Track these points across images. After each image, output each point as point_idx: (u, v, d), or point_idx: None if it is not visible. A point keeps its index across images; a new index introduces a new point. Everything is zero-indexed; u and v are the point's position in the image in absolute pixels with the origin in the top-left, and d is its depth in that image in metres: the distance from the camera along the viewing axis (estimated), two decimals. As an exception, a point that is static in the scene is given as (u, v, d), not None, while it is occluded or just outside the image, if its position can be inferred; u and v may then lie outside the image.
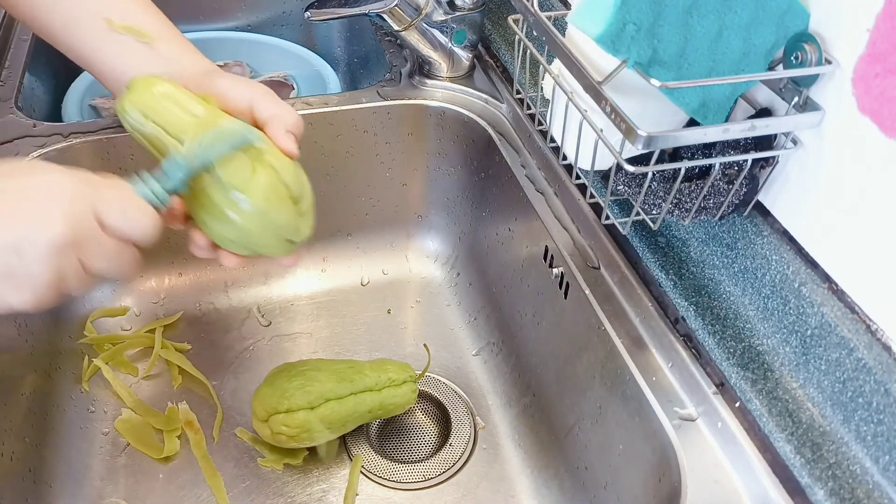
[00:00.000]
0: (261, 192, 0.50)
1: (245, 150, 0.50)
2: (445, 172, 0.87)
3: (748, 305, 0.53)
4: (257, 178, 0.50)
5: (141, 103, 0.52)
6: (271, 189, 0.51)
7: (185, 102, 0.52)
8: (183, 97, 0.52)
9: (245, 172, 0.50)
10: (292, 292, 0.87)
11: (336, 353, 0.81)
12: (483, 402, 0.77)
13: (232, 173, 0.50)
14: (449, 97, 0.84)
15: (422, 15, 0.77)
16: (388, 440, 0.74)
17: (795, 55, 0.45)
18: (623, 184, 0.55)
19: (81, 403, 0.73)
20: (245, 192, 0.50)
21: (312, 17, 0.77)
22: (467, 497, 0.69)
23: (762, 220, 0.52)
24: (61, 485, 0.66)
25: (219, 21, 1.08)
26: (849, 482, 0.45)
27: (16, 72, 0.81)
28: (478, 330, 0.83)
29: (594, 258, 0.66)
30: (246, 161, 0.50)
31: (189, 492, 0.68)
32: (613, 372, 0.59)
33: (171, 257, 0.85)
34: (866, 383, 0.44)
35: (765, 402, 0.51)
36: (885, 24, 0.40)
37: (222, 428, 0.73)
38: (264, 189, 0.50)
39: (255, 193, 0.50)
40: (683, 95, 0.46)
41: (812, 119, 0.46)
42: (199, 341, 0.81)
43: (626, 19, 0.42)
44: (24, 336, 0.69)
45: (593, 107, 0.47)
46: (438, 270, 0.90)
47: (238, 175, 0.50)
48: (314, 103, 0.80)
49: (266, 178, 0.50)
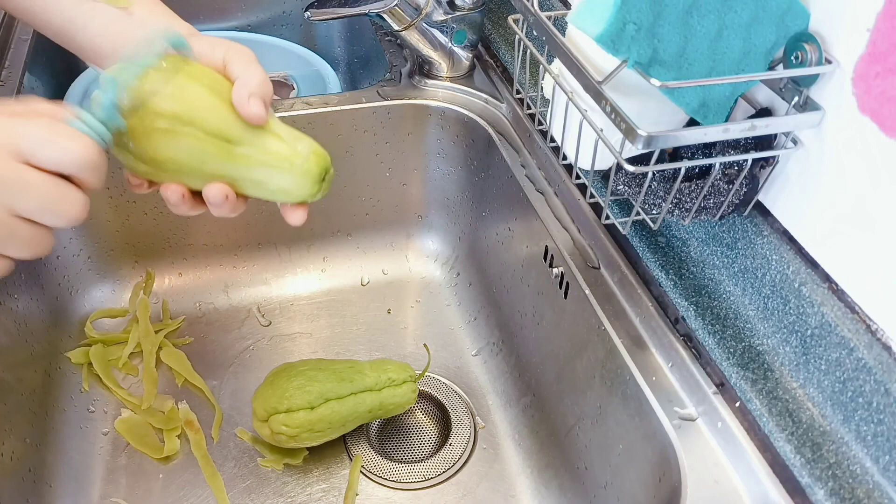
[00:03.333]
0: (189, 98, 0.46)
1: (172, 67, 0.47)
2: (445, 172, 0.87)
3: (748, 305, 0.53)
4: (188, 89, 0.47)
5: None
6: (200, 94, 0.47)
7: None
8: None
9: (175, 88, 0.46)
10: (292, 292, 0.87)
11: (336, 353, 0.81)
12: (483, 402, 0.77)
13: (162, 97, 0.46)
14: (449, 97, 0.84)
15: (422, 15, 0.77)
16: (388, 440, 0.74)
17: (795, 55, 0.45)
18: (623, 184, 0.55)
19: (81, 403, 0.73)
20: (178, 103, 0.46)
21: (312, 17, 0.77)
22: (467, 497, 0.69)
23: (762, 220, 0.52)
24: (61, 485, 0.66)
25: (219, 21, 1.08)
26: (849, 482, 0.45)
27: (16, 72, 0.81)
28: (478, 330, 0.83)
29: (594, 258, 0.66)
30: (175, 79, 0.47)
31: (189, 492, 0.68)
32: (613, 372, 0.59)
33: (171, 257, 0.85)
34: (866, 383, 0.44)
35: (765, 402, 0.51)
36: (885, 23, 0.40)
37: (222, 428, 0.73)
38: (193, 95, 0.47)
39: (184, 101, 0.46)
40: (683, 95, 0.46)
41: (812, 119, 0.46)
42: (199, 341, 0.81)
43: (626, 19, 0.42)
44: (24, 336, 0.69)
45: (593, 107, 0.47)
46: (438, 270, 0.90)
47: (171, 95, 0.46)
48: (314, 103, 0.80)
49: (196, 88, 0.47)
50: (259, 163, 0.49)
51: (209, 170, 0.49)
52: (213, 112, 0.47)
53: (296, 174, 0.49)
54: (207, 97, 0.47)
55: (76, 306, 0.80)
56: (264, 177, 0.49)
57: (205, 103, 0.47)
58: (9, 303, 0.68)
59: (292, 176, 0.49)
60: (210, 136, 0.47)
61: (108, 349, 0.77)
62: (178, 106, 0.46)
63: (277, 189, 0.50)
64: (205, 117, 0.47)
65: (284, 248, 0.88)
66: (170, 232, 0.83)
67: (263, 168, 0.49)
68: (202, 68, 0.49)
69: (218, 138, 0.48)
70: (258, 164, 0.49)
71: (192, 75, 0.48)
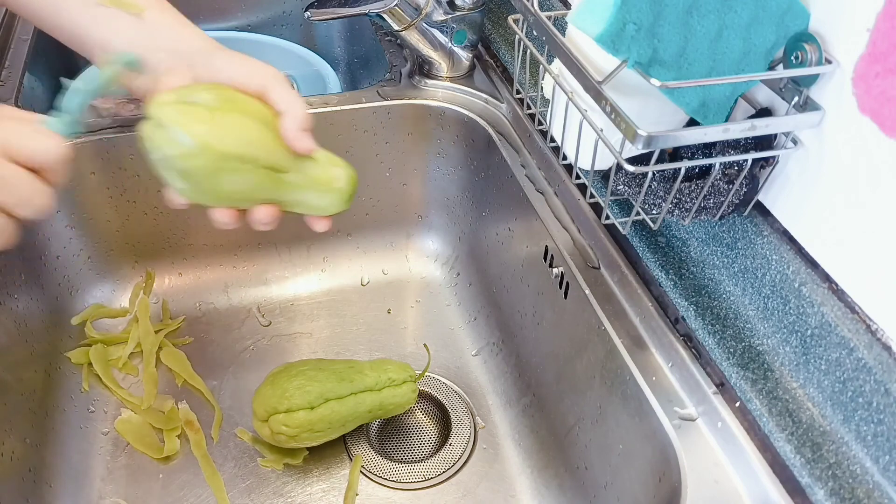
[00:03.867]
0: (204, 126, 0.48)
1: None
2: (445, 172, 0.87)
3: (748, 305, 0.53)
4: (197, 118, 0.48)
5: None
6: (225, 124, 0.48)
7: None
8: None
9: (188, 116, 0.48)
10: (292, 292, 0.87)
11: (336, 353, 0.81)
12: (483, 402, 0.77)
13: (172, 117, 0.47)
14: (449, 97, 0.84)
15: (422, 15, 0.77)
16: (388, 440, 0.74)
17: (795, 55, 0.45)
18: (623, 184, 0.55)
19: (81, 403, 0.73)
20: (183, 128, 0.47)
21: (312, 17, 0.77)
22: (467, 497, 0.69)
23: (762, 219, 0.52)
24: (61, 485, 0.66)
25: (219, 21, 1.08)
26: (849, 482, 0.45)
27: (16, 72, 0.81)
28: (478, 330, 0.83)
29: (594, 258, 0.66)
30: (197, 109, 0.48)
31: (189, 492, 0.68)
32: (613, 372, 0.59)
33: (171, 257, 0.85)
34: (866, 383, 0.44)
35: (765, 402, 0.51)
36: (885, 23, 0.40)
37: (222, 428, 0.73)
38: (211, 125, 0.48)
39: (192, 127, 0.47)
40: (683, 95, 0.46)
41: (812, 119, 0.46)
42: (199, 341, 0.81)
43: (626, 19, 0.42)
44: (24, 336, 0.69)
45: (593, 106, 0.47)
46: (438, 270, 0.90)
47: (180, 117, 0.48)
48: (314, 103, 0.80)
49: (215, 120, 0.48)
50: (303, 188, 0.53)
51: (259, 196, 0.52)
52: (266, 146, 0.50)
53: (334, 195, 0.55)
54: (258, 131, 0.50)
55: (76, 306, 0.80)
56: (306, 199, 0.54)
57: (257, 137, 0.50)
58: (9, 303, 0.68)
59: (331, 196, 0.55)
60: (263, 169, 0.51)
61: (108, 349, 0.77)
62: (237, 145, 0.49)
63: (315, 207, 0.55)
64: (259, 153, 0.50)
65: (284, 248, 0.88)
66: (170, 232, 0.83)
67: (307, 192, 0.54)
68: (249, 100, 0.51)
69: (270, 170, 0.51)
70: (303, 189, 0.53)
71: (243, 110, 0.50)
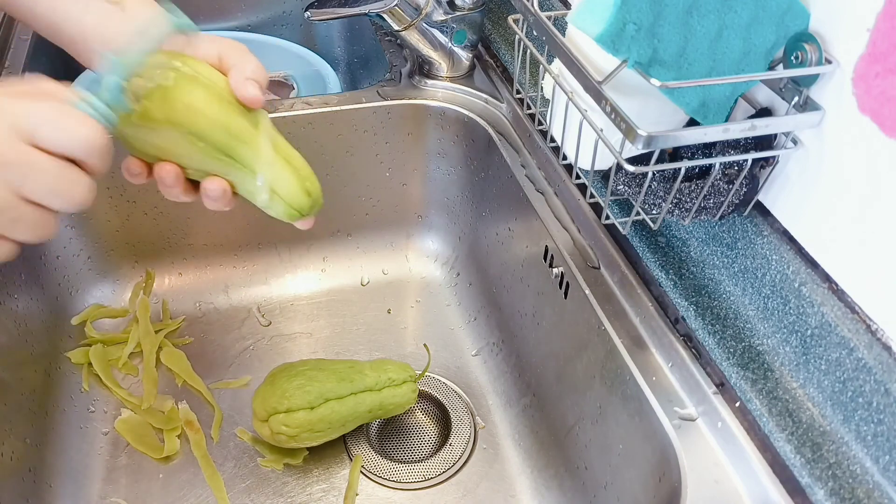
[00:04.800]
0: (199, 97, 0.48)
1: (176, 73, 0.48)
2: (445, 172, 0.87)
3: (748, 305, 0.53)
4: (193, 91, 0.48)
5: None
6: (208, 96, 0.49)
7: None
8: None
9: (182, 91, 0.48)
10: (292, 292, 0.87)
11: (336, 353, 0.81)
12: (483, 402, 0.77)
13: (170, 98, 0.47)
14: (449, 97, 0.84)
15: (422, 15, 0.77)
16: (388, 440, 0.74)
17: (795, 55, 0.45)
18: (623, 183, 0.55)
19: (81, 403, 0.73)
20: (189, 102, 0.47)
21: (312, 17, 0.77)
22: (467, 497, 0.69)
23: (762, 220, 0.52)
24: (61, 485, 0.66)
25: (219, 21, 1.08)
26: (849, 482, 0.45)
27: (16, 72, 0.81)
28: (478, 330, 0.83)
29: (594, 258, 0.66)
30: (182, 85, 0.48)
31: (189, 492, 0.68)
32: (613, 372, 0.59)
33: (171, 257, 0.85)
34: (866, 383, 0.44)
35: (765, 402, 0.51)
36: (885, 23, 0.40)
37: (222, 428, 0.73)
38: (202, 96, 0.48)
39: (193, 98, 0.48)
40: (683, 95, 0.46)
41: (812, 119, 0.46)
42: (199, 341, 0.81)
43: (626, 19, 0.42)
44: (24, 336, 0.69)
45: (593, 106, 0.47)
46: (438, 270, 0.90)
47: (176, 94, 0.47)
48: (314, 103, 0.80)
49: (201, 91, 0.48)
50: (248, 170, 0.50)
51: (210, 168, 0.50)
52: (217, 112, 0.49)
53: (276, 200, 0.52)
54: (207, 99, 0.49)
55: (76, 306, 0.80)
56: (250, 188, 0.51)
57: (206, 106, 0.48)
58: (9, 303, 0.68)
59: (275, 201, 0.52)
60: (209, 136, 0.49)
61: (108, 349, 0.77)
62: (181, 112, 0.48)
63: (262, 203, 0.52)
64: (207, 121, 0.48)
65: (284, 248, 0.88)
66: (170, 232, 0.83)
67: (251, 177, 0.51)
68: (203, 65, 0.50)
69: (224, 133, 0.49)
70: (245, 172, 0.50)
71: (206, 77, 0.49)
